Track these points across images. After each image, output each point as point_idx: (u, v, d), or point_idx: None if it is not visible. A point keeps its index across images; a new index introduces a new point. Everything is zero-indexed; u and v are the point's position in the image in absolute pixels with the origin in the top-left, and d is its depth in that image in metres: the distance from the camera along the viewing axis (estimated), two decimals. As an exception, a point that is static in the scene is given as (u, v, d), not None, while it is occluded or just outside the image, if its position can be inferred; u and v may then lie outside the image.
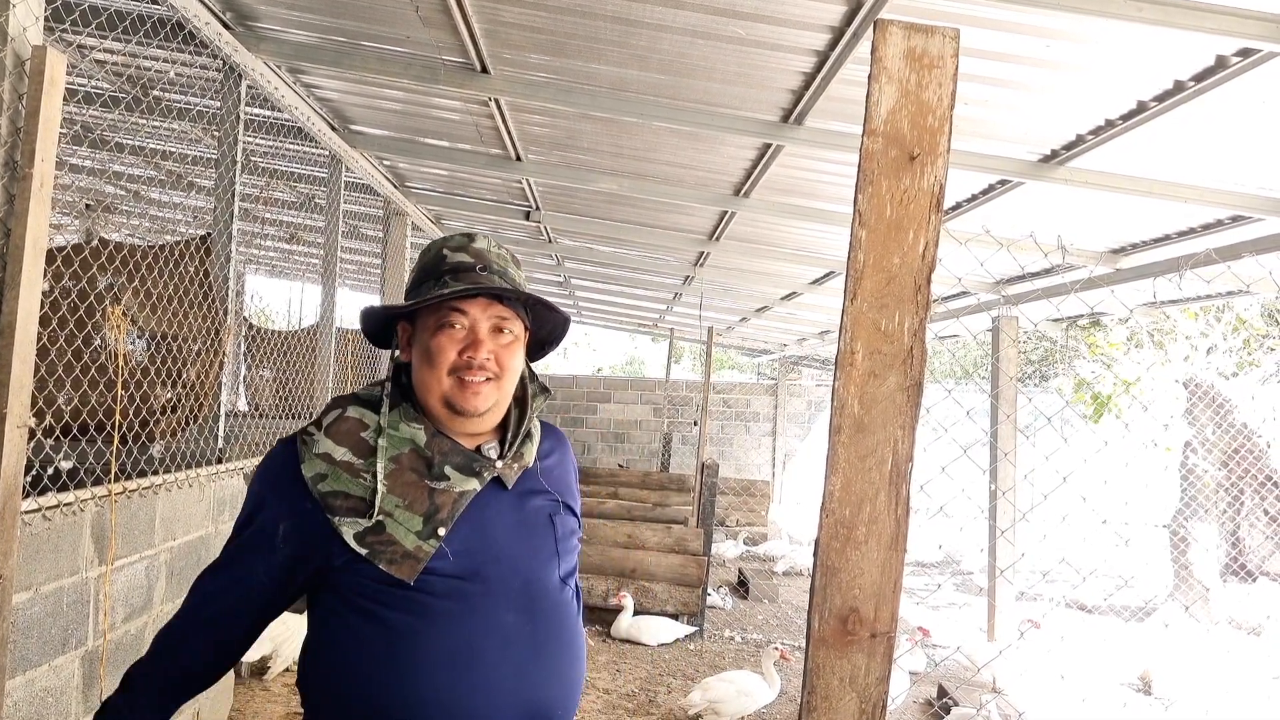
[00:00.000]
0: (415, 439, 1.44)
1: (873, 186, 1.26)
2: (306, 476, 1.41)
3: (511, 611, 1.42)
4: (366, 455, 1.42)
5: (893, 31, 1.27)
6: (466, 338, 1.45)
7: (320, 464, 1.41)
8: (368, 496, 1.39)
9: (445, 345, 1.44)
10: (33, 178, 2.33)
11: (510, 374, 1.48)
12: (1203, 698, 5.72)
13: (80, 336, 3.08)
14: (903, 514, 1.24)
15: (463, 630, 1.38)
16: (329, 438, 1.43)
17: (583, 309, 14.20)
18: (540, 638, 1.44)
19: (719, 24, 3.49)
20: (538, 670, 1.42)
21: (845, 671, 1.23)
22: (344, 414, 1.46)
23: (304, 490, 1.40)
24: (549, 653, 1.44)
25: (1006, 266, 6.44)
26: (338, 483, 1.40)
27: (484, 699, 1.37)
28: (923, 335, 1.25)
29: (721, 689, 5.02)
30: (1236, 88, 3.21)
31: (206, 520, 3.85)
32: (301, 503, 1.40)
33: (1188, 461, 9.01)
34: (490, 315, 1.46)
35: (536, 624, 1.44)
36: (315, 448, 1.43)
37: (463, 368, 1.43)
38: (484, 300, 1.46)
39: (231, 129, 4.34)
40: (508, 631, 1.40)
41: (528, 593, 1.44)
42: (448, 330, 1.45)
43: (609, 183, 5.96)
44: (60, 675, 2.86)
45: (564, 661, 1.47)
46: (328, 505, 1.39)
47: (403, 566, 1.37)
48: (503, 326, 1.47)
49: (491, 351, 1.45)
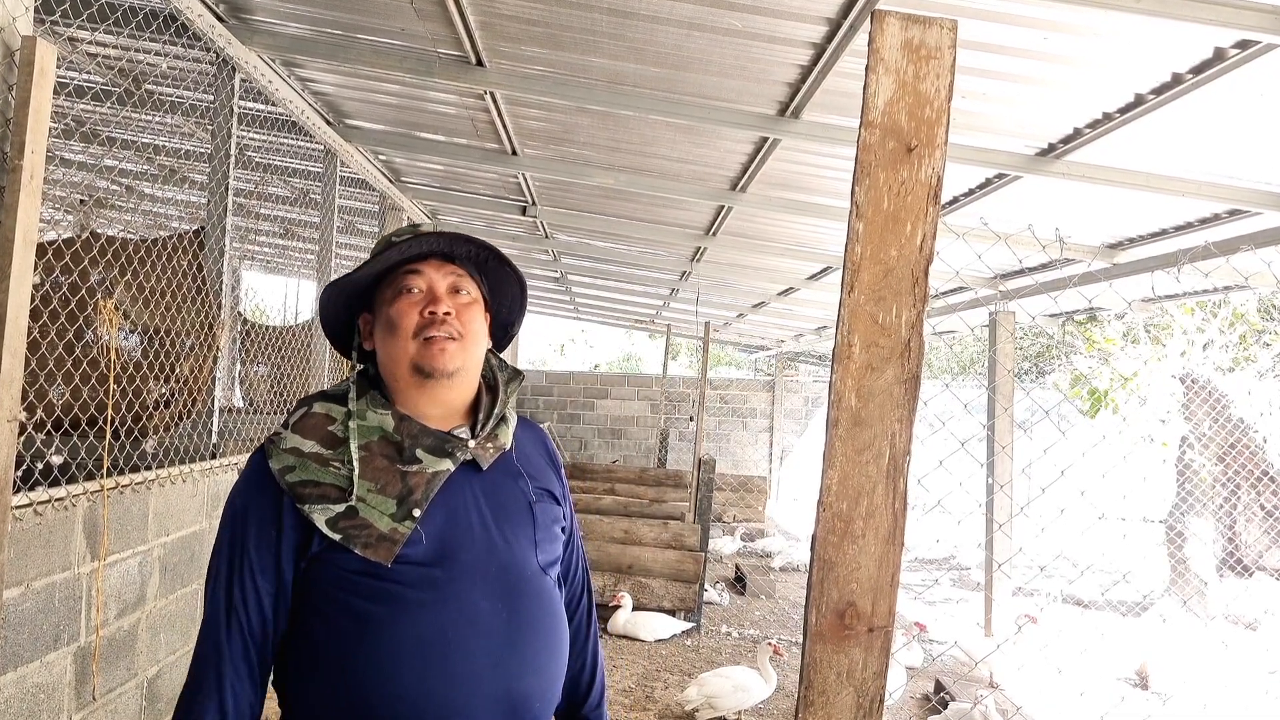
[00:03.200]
0: (384, 425, 1.43)
1: (870, 179, 1.25)
2: (274, 470, 1.40)
3: (487, 598, 1.39)
4: (334, 445, 1.42)
5: (890, 22, 1.25)
6: (425, 298, 1.46)
7: (288, 457, 1.40)
8: (339, 483, 1.38)
9: (405, 309, 1.45)
10: (22, 170, 2.31)
11: (473, 338, 1.48)
12: (1199, 692, 5.73)
13: (72, 331, 3.06)
14: (900, 508, 1.23)
15: (436, 619, 1.36)
16: (296, 433, 1.43)
17: (580, 305, 14.19)
18: (517, 626, 1.41)
19: (715, 16, 3.47)
20: (514, 660, 1.40)
21: (842, 666, 1.22)
22: (310, 410, 1.46)
23: (275, 484, 1.39)
24: (526, 642, 1.41)
25: (1004, 260, 6.44)
26: (306, 473, 1.39)
27: (459, 689, 1.35)
28: (920, 328, 1.24)
29: (718, 684, 5.02)
30: (1235, 80, 3.20)
31: (200, 516, 3.84)
32: (278, 497, 1.39)
33: (1184, 456, 9.02)
34: (445, 273, 1.48)
35: (513, 611, 1.41)
36: (282, 444, 1.42)
37: (425, 325, 1.44)
38: (436, 261, 1.48)
39: (225, 123, 4.31)
40: (483, 619, 1.38)
41: (504, 579, 1.42)
42: (405, 295, 1.46)
43: (605, 177, 5.94)
44: (53, 671, 2.84)
45: (543, 652, 1.44)
46: (297, 495, 1.38)
47: (379, 549, 1.35)
48: (459, 286, 1.49)
49: (451, 308, 1.46)
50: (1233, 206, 4.48)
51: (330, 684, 1.36)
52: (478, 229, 9.01)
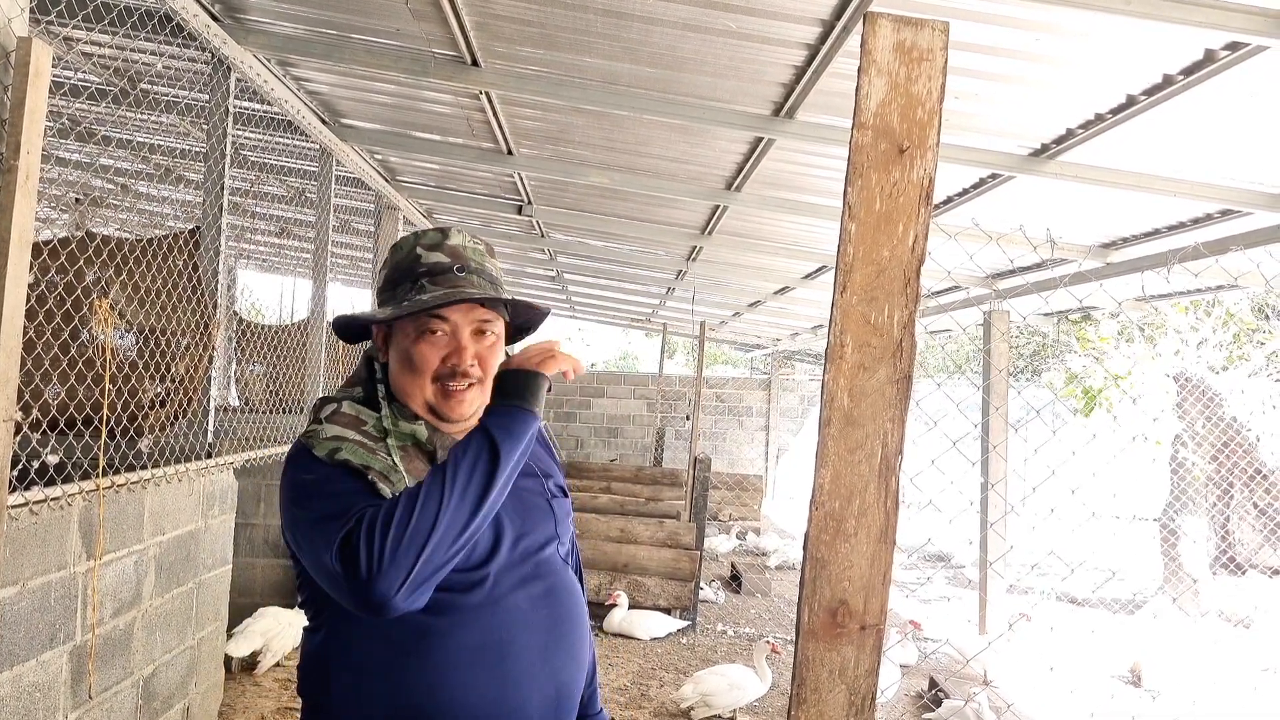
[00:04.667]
0: (417, 434, 1.41)
1: (862, 179, 1.26)
2: (321, 456, 1.35)
3: (528, 597, 1.41)
4: (374, 440, 1.39)
5: (882, 24, 1.26)
6: (449, 344, 1.42)
7: (332, 443, 1.37)
8: (386, 470, 1.34)
9: (427, 353, 1.41)
10: (18, 170, 2.31)
11: (493, 373, 1.46)
12: (1191, 690, 5.76)
13: (68, 330, 3.06)
14: (892, 506, 1.24)
15: (488, 623, 1.36)
16: (334, 424, 1.39)
17: (576, 304, 14.18)
18: (556, 619, 1.43)
19: (710, 17, 3.48)
20: (560, 653, 1.42)
21: (835, 664, 1.23)
22: (340, 408, 1.43)
23: (327, 466, 1.35)
24: (566, 634, 1.44)
25: (996, 260, 6.46)
26: (355, 454, 1.35)
27: (515, 690, 1.36)
28: (912, 328, 1.25)
29: (713, 682, 5.03)
30: (1225, 81, 3.22)
31: (196, 515, 3.84)
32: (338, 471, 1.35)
33: (1178, 455, 9.05)
34: (472, 320, 1.43)
35: (553, 606, 1.44)
36: (324, 434, 1.38)
37: (447, 375, 1.41)
38: (465, 304, 1.42)
39: (220, 122, 4.31)
40: (529, 617, 1.40)
41: (538, 575, 1.44)
42: (429, 338, 1.41)
43: (601, 177, 5.95)
44: (48, 670, 2.85)
45: (578, 642, 1.47)
46: (351, 468, 1.34)
47: None
48: (484, 329, 1.44)
49: (475, 356, 1.42)
50: (1224, 206, 4.50)
51: (379, 694, 1.34)
52: (473, 228, 9.01)
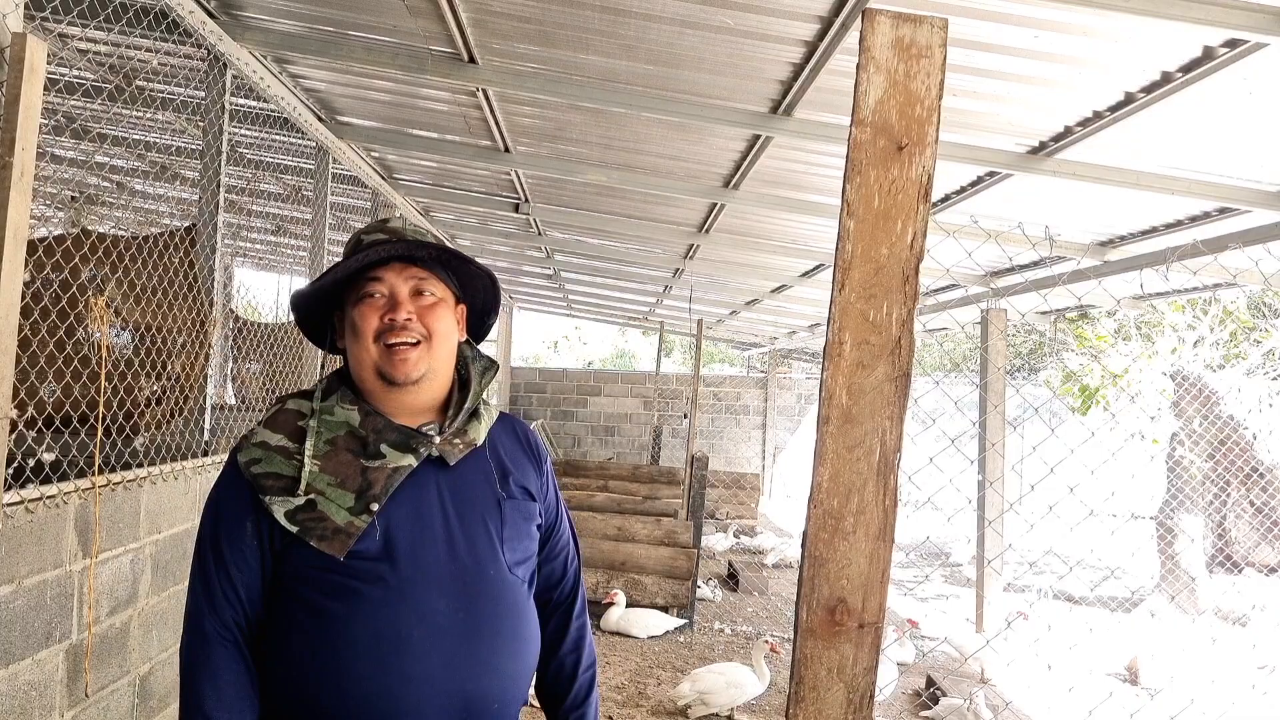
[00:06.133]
0: (349, 420, 1.45)
1: (861, 177, 1.25)
2: (241, 463, 1.42)
3: (444, 597, 1.39)
4: (300, 439, 1.44)
5: (881, 21, 1.26)
6: (386, 304, 1.47)
7: (255, 450, 1.43)
8: (297, 475, 1.40)
9: (367, 313, 1.46)
10: (13, 166, 2.30)
11: (440, 338, 1.48)
12: (1189, 688, 5.76)
13: (63, 328, 3.05)
14: (890, 504, 1.23)
15: (389, 616, 1.36)
16: (266, 428, 1.46)
17: (573, 302, 14.18)
18: (474, 626, 1.40)
19: (707, 14, 3.47)
20: (469, 660, 1.39)
21: (833, 662, 1.23)
22: (283, 407, 1.49)
23: (245, 478, 1.42)
24: (483, 642, 1.41)
25: (994, 258, 6.46)
26: (270, 465, 1.41)
27: (410, 688, 1.35)
28: (911, 326, 1.25)
29: (711, 680, 5.03)
30: (1224, 79, 3.22)
31: (192, 513, 3.83)
32: (245, 491, 1.42)
33: (1175, 453, 9.06)
34: (407, 277, 1.48)
35: (471, 612, 1.40)
36: (254, 439, 1.45)
37: (385, 331, 1.45)
38: (399, 265, 1.48)
39: (216, 119, 4.29)
40: (439, 618, 1.38)
41: (463, 578, 1.41)
42: (368, 300, 1.47)
43: (598, 175, 5.94)
44: (44, 669, 2.84)
45: (501, 652, 1.42)
46: (259, 486, 1.40)
47: (333, 542, 1.36)
48: (422, 288, 1.49)
49: (412, 312, 1.46)
50: (1222, 204, 4.50)
51: (292, 680, 1.37)
52: (470, 226, 8.99)
